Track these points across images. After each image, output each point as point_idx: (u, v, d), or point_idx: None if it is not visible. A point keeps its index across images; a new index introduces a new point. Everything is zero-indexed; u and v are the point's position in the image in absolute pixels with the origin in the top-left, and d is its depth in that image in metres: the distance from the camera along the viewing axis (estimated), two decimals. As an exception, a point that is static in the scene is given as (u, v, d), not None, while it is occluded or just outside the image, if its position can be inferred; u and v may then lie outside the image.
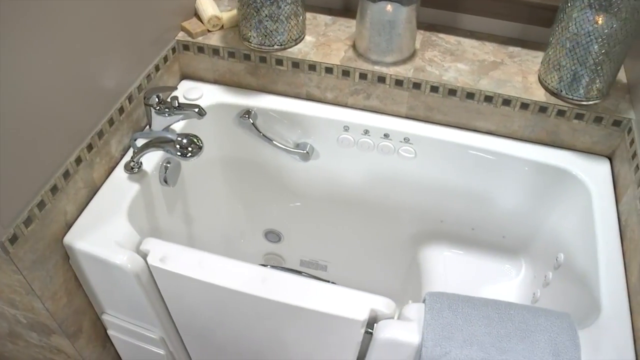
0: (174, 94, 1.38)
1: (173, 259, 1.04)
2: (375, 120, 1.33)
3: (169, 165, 1.25)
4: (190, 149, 1.10)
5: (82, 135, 1.09)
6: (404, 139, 1.32)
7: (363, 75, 1.29)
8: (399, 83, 1.28)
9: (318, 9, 1.47)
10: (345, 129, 1.36)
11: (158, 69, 1.30)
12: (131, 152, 1.22)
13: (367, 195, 1.50)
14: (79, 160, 1.08)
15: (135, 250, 1.07)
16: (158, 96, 1.19)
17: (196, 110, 1.19)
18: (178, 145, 1.10)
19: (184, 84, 1.42)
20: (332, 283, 1.06)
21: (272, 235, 1.70)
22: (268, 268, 1.04)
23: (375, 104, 1.34)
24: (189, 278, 1.02)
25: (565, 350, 0.89)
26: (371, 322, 0.97)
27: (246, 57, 1.34)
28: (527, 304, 1.31)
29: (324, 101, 1.38)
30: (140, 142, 1.20)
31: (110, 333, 1.27)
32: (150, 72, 1.27)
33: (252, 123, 1.39)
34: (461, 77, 1.26)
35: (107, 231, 1.08)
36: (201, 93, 1.38)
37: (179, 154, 1.10)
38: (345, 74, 1.30)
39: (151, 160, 1.23)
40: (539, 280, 1.34)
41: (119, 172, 1.20)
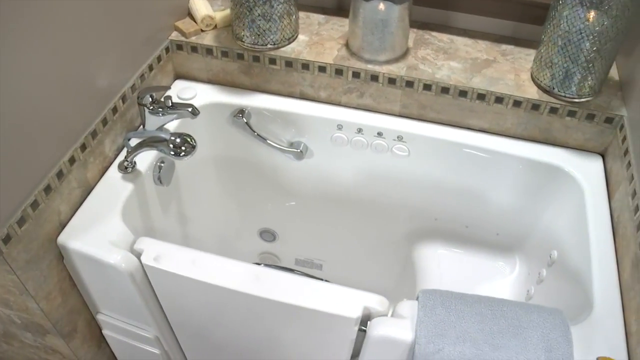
0: (168, 93, 1.38)
1: (167, 258, 1.04)
2: (368, 119, 1.34)
3: (162, 164, 1.25)
4: (183, 148, 1.10)
5: (76, 135, 1.09)
6: (398, 137, 1.33)
7: (356, 74, 1.29)
8: (392, 81, 1.28)
9: (311, 8, 1.47)
10: (339, 128, 1.36)
11: (152, 68, 1.30)
12: (125, 152, 1.22)
13: (361, 193, 1.50)
14: (72, 160, 1.08)
15: (129, 249, 1.07)
16: (152, 96, 1.19)
17: (190, 109, 1.19)
18: (171, 145, 1.10)
19: (178, 84, 1.42)
20: (326, 281, 1.06)
21: (267, 234, 1.70)
22: (261, 266, 1.04)
23: (368, 102, 1.34)
24: (182, 277, 1.02)
25: (558, 346, 0.89)
26: (365, 320, 0.98)
27: (239, 57, 1.35)
28: (521, 301, 1.32)
29: (317, 100, 1.38)
30: (134, 142, 1.20)
31: (105, 333, 1.27)
32: (143, 72, 1.27)
33: (246, 122, 1.39)
34: (454, 75, 1.27)
35: (101, 231, 1.08)
36: (195, 93, 1.38)
37: (172, 153, 1.11)
38: (339, 72, 1.30)
39: (145, 159, 1.22)
40: (532, 277, 1.35)
41: (113, 172, 1.20)
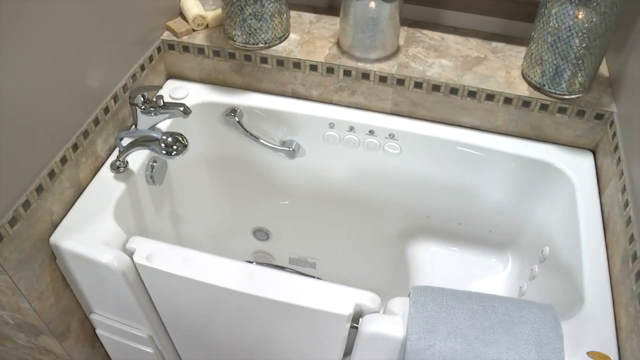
0: (160, 93, 1.38)
1: (159, 256, 1.04)
2: (360, 117, 1.34)
3: (155, 164, 1.25)
4: (175, 147, 1.11)
5: (68, 135, 1.09)
6: (389, 135, 1.33)
7: (347, 72, 1.30)
8: (383, 79, 1.28)
9: (302, 7, 1.47)
10: (331, 126, 1.36)
11: (143, 68, 1.30)
12: (117, 152, 1.22)
13: (354, 191, 1.50)
14: (64, 160, 1.08)
15: (122, 249, 1.07)
16: (143, 95, 1.19)
17: (181, 109, 1.19)
18: (163, 144, 1.10)
19: (170, 84, 1.42)
20: (318, 279, 1.06)
21: (261, 233, 1.70)
22: (254, 265, 1.04)
23: (360, 100, 1.34)
24: (174, 275, 1.02)
25: (548, 341, 0.89)
26: (357, 317, 0.98)
27: (231, 56, 1.35)
28: (514, 297, 1.32)
29: (309, 98, 1.38)
30: (126, 142, 1.20)
31: (99, 332, 1.27)
32: (135, 72, 1.27)
33: (238, 121, 1.39)
34: (445, 73, 1.27)
35: (94, 230, 1.08)
36: (187, 92, 1.38)
37: (164, 152, 1.11)
38: (330, 71, 1.30)
39: (137, 159, 1.23)
40: (525, 273, 1.35)
41: (105, 172, 1.20)
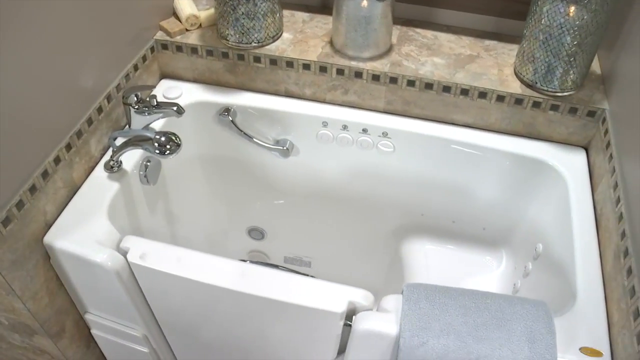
0: (153, 92, 1.38)
1: (152, 255, 1.04)
2: (353, 116, 1.34)
3: (149, 163, 1.25)
4: (168, 146, 1.11)
5: (61, 134, 1.09)
6: (383, 133, 1.33)
7: (340, 71, 1.30)
8: (376, 78, 1.29)
9: (295, 6, 1.47)
10: (324, 125, 1.36)
11: (137, 68, 1.31)
12: (111, 152, 1.22)
13: (348, 190, 1.50)
14: (57, 159, 1.08)
15: (116, 248, 1.07)
16: (137, 95, 1.19)
17: (174, 108, 1.19)
18: (156, 143, 1.11)
19: (164, 83, 1.42)
20: (311, 277, 1.07)
21: (256, 232, 1.71)
22: (247, 263, 1.04)
23: (353, 99, 1.35)
24: (168, 274, 1.02)
25: (541, 338, 0.90)
26: (350, 315, 0.98)
27: (224, 55, 1.35)
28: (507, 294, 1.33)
29: (302, 97, 1.38)
30: (119, 141, 1.20)
31: (94, 332, 1.27)
32: (129, 72, 1.27)
33: (232, 120, 1.39)
34: (437, 71, 1.27)
35: (88, 230, 1.08)
36: (180, 92, 1.39)
37: (157, 151, 1.11)
38: (323, 70, 1.31)
39: (131, 159, 1.23)
40: (519, 271, 1.36)
41: (99, 172, 1.20)
